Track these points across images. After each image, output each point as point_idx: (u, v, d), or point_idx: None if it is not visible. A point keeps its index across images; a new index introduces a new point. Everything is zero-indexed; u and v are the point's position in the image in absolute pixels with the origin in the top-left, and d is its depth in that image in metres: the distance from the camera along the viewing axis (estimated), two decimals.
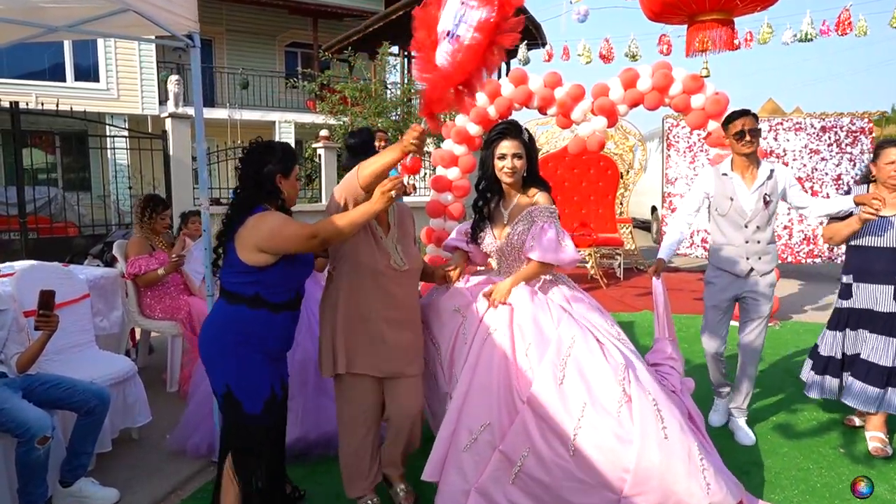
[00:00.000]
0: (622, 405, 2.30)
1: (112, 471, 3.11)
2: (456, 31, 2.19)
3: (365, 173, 2.27)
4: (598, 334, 2.51)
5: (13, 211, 8.34)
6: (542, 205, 2.68)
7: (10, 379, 2.68)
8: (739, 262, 3.33)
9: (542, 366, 2.38)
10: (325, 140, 10.85)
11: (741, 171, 3.33)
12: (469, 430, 2.38)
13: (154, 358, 4.88)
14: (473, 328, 2.56)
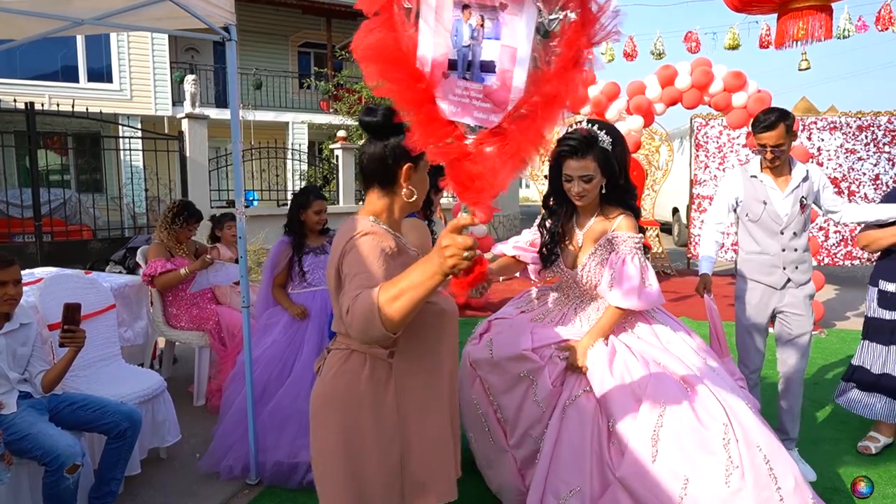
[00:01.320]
0: (731, 473, 1.95)
1: (141, 495, 2.90)
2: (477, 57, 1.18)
3: (396, 306, 1.24)
4: (690, 377, 2.12)
5: (28, 213, 8.18)
6: (625, 232, 2.26)
7: (36, 400, 2.48)
8: (775, 273, 2.99)
9: (632, 441, 2.06)
10: (342, 141, 10.66)
11: (772, 173, 2.99)
12: (556, 494, 2.10)
13: (178, 369, 4.67)
14: (549, 395, 2.24)
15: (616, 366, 2.20)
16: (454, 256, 1.14)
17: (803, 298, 3.00)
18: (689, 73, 5.81)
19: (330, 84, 12.41)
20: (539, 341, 2.33)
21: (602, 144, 2.21)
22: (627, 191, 2.31)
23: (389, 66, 1.21)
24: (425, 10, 1.18)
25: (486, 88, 1.18)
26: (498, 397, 2.39)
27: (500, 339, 2.43)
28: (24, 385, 2.49)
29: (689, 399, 2.08)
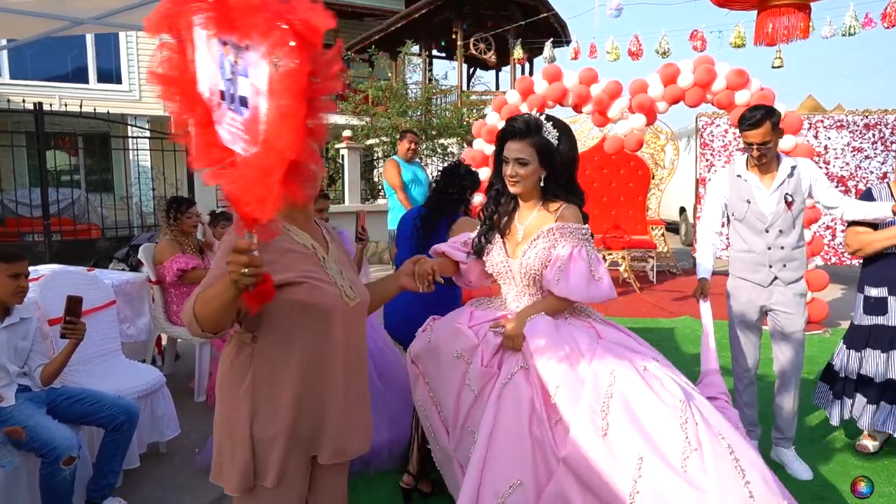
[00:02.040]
0: (688, 455, 1.74)
1: (140, 489, 2.94)
2: (236, 91, 1.19)
3: (204, 312, 1.41)
4: (645, 363, 1.95)
5: (37, 213, 8.28)
6: (570, 223, 2.11)
7: (35, 393, 2.52)
8: (761, 271, 2.97)
9: (577, 413, 1.83)
10: (347, 141, 10.70)
11: (759, 171, 2.96)
12: (494, 490, 1.85)
13: (180, 365, 4.72)
14: (483, 375, 2.04)
15: (562, 333, 2.01)
16: (234, 273, 1.26)
17: (793, 297, 2.97)
18: (692, 71, 5.78)
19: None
20: (476, 319, 2.19)
21: (545, 135, 2.10)
22: (572, 192, 2.18)
23: (173, 87, 1.25)
24: (198, 40, 1.21)
25: (245, 121, 1.19)
26: (437, 391, 2.20)
27: (439, 323, 2.29)
28: (24, 378, 2.53)
29: (641, 373, 1.90)
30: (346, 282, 1.70)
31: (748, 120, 2.80)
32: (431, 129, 11.58)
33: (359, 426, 1.74)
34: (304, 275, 1.59)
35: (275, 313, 1.57)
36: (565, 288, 2.06)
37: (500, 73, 17.39)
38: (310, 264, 1.64)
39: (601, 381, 1.86)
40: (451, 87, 14.31)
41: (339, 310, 1.64)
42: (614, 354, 1.95)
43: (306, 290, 1.58)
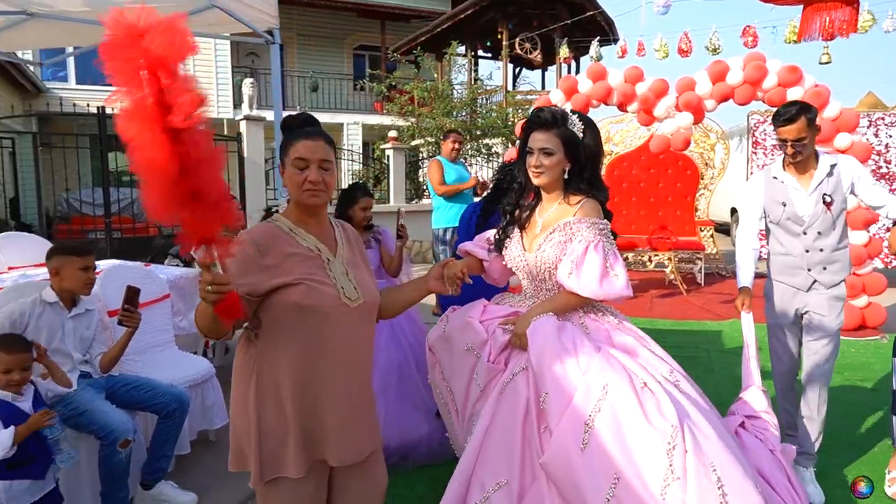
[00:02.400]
0: (669, 483, 1.66)
1: (190, 474, 3.08)
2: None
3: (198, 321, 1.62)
4: (645, 378, 1.84)
5: (100, 211, 8.70)
6: (589, 217, 2.06)
7: (95, 380, 2.68)
8: (799, 275, 2.84)
9: (561, 423, 1.79)
10: (393, 141, 10.84)
11: (796, 171, 2.82)
12: (481, 485, 1.87)
13: (229, 357, 4.90)
14: (489, 371, 2.04)
15: (562, 338, 1.94)
16: (200, 290, 1.38)
17: (828, 300, 2.83)
18: (742, 68, 5.64)
19: (383, 85, 12.64)
20: (489, 314, 2.18)
21: (571, 127, 2.08)
22: (594, 185, 2.14)
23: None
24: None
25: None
26: (450, 380, 2.22)
27: (454, 314, 2.28)
28: (85, 366, 2.69)
29: (637, 391, 1.81)
30: (350, 283, 1.74)
31: (782, 115, 2.70)
32: (476, 129, 11.61)
33: (362, 427, 1.77)
34: (301, 277, 1.65)
35: (273, 314, 1.65)
36: (576, 283, 2.01)
37: (545, 72, 17.29)
38: (311, 267, 1.70)
39: (592, 393, 1.80)
40: (496, 87, 14.31)
41: (336, 311, 1.68)
42: (613, 367, 1.85)
43: (302, 291, 1.64)
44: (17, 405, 2.22)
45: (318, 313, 1.65)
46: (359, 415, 1.77)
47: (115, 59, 1.22)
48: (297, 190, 1.71)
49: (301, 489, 1.70)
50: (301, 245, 1.73)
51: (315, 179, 1.67)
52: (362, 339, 1.78)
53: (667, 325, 5.99)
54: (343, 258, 1.79)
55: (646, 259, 8.60)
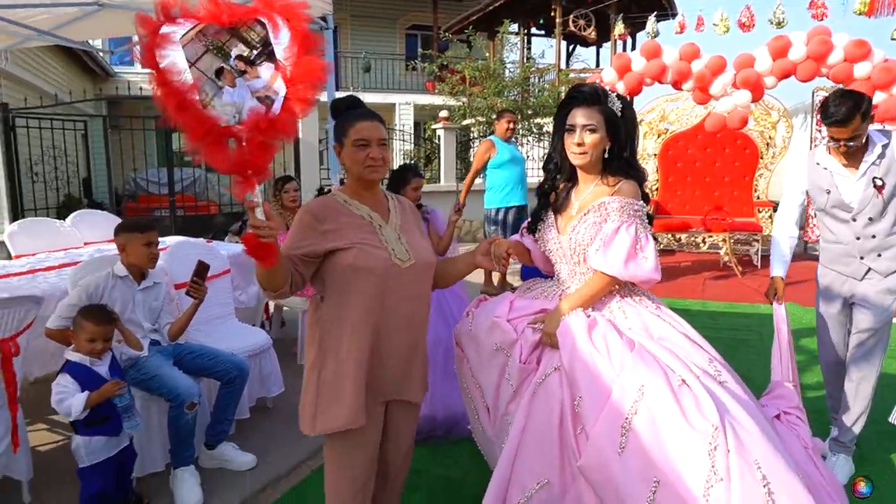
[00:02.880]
0: (712, 484, 1.59)
1: (250, 437, 3.28)
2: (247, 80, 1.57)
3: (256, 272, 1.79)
4: (683, 373, 1.77)
5: (164, 190, 9.14)
6: (624, 198, 2.00)
7: (163, 347, 2.88)
8: (852, 263, 2.72)
9: (597, 426, 1.75)
10: (444, 121, 10.88)
11: (843, 156, 2.64)
12: (522, 486, 1.84)
13: (285, 331, 5.13)
14: (521, 371, 2.00)
15: (593, 337, 1.89)
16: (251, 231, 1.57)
17: (879, 291, 2.69)
18: (805, 42, 5.43)
19: (434, 65, 12.66)
20: (516, 311, 2.11)
21: (611, 105, 2.03)
22: (632, 166, 2.09)
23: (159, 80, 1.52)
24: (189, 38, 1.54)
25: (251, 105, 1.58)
26: (478, 377, 2.16)
27: (480, 311, 2.22)
28: (154, 334, 2.90)
29: (675, 390, 1.73)
30: (401, 246, 1.91)
31: (833, 116, 2.50)
32: (528, 108, 11.52)
33: (414, 375, 1.99)
34: (354, 241, 1.84)
35: (332, 276, 1.86)
36: (602, 261, 1.97)
37: (600, 49, 16.91)
38: (363, 232, 1.88)
39: (627, 394, 1.74)
40: (548, 65, 14.12)
41: (388, 271, 1.85)
42: (648, 364, 1.78)
43: (354, 254, 1.82)
44: (95, 369, 2.43)
45: (370, 273, 1.83)
46: (413, 361, 1.98)
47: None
48: (359, 166, 1.88)
49: (362, 437, 1.89)
50: (354, 213, 1.92)
51: (376, 156, 1.87)
52: (416, 297, 1.94)
53: (719, 308, 5.90)
54: (395, 225, 1.96)
55: (699, 240, 8.42)
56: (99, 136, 10.91)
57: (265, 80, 1.56)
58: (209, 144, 1.52)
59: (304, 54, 1.55)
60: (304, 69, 1.55)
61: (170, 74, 1.49)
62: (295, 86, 1.54)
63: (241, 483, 2.85)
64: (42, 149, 8.48)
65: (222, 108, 1.52)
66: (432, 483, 2.83)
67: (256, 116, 1.54)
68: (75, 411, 2.32)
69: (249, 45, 1.54)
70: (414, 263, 1.90)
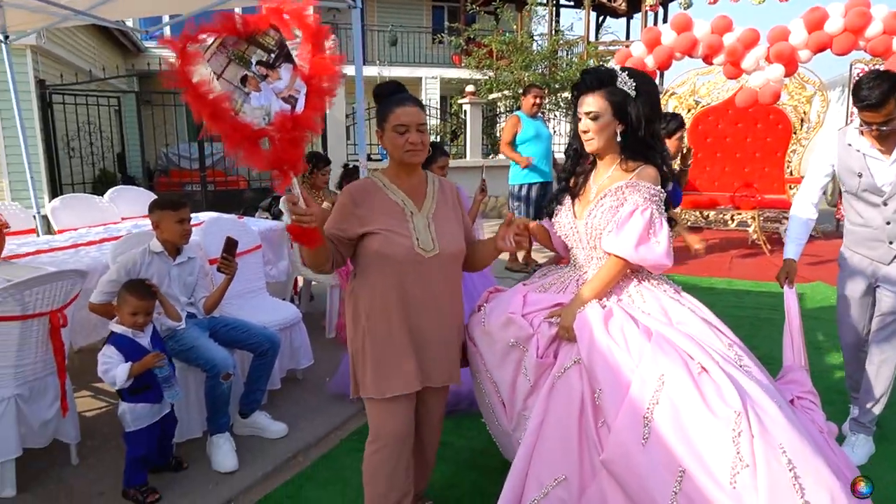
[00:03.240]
0: (738, 471, 1.59)
1: (281, 407, 3.41)
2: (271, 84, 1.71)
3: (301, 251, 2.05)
4: (703, 360, 1.75)
5: (195, 165, 9.31)
6: (642, 182, 1.98)
7: (199, 320, 3.01)
8: (880, 248, 2.66)
9: (619, 419, 1.74)
10: (470, 96, 10.83)
11: (877, 139, 2.55)
12: (539, 481, 1.84)
13: (313, 305, 5.26)
14: (538, 366, 2.00)
15: (610, 329, 1.89)
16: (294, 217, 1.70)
17: None
18: (842, 14, 5.28)
19: (461, 39, 12.55)
20: (531, 306, 2.10)
21: (621, 86, 1.99)
22: (651, 147, 2.04)
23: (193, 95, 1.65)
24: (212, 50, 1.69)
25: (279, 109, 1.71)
26: (493, 372, 2.14)
27: (492, 306, 2.20)
28: (191, 307, 3.02)
29: (695, 378, 1.72)
30: (428, 235, 1.98)
31: (865, 100, 2.42)
32: (555, 82, 11.39)
33: (445, 360, 2.09)
34: (382, 228, 1.94)
35: (362, 258, 1.99)
36: (614, 242, 1.98)
37: (630, 21, 16.54)
38: (393, 219, 1.97)
39: (648, 385, 1.74)
40: (577, 38, 13.88)
41: (410, 260, 1.94)
42: (667, 353, 1.77)
43: (380, 241, 1.93)
44: (138, 341, 2.56)
45: (393, 260, 1.93)
46: (439, 349, 2.06)
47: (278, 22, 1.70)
48: (399, 151, 1.95)
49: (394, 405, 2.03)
50: (390, 199, 2.00)
51: (415, 141, 1.94)
52: (440, 284, 2.01)
53: (745, 286, 5.86)
54: (429, 212, 2.03)
55: (728, 217, 8.32)
56: (132, 111, 11.11)
57: (286, 81, 1.67)
58: (246, 148, 1.63)
59: (317, 51, 1.65)
60: (320, 65, 1.65)
61: (201, 88, 1.60)
62: (313, 82, 1.65)
63: (273, 450, 2.98)
64: (78, 124, 8.69)
65: (252, 113, 1.63)
66: (456, 454, 2.93)
67: (283, 116, 1.64)
68: (119, 380, 2.46)
69: (267, 49, 1.66)
70: (438, 253, 1.97)
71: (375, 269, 1.96)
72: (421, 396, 2.12)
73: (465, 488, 2.65)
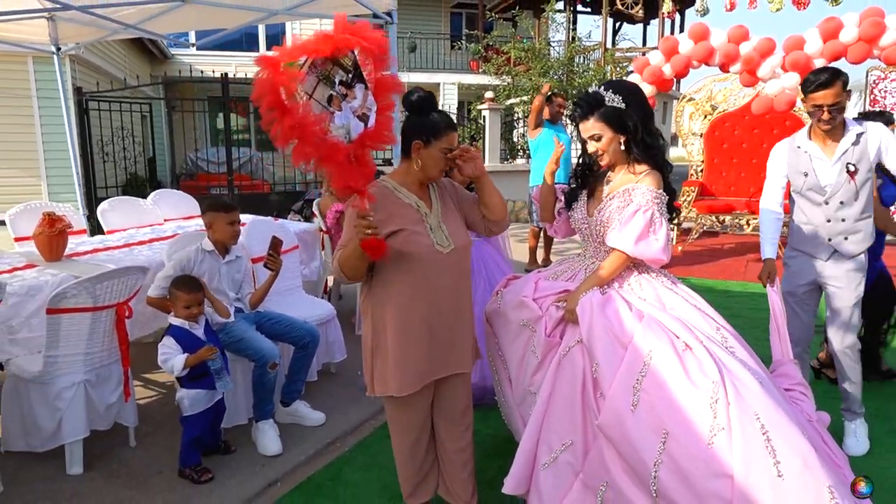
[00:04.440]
0: (715, 433, 1.83)
1: (318, 398, 3.62)
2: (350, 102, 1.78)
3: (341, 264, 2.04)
4: (687, 339, 2.00)
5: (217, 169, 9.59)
6: (646, 185, 2.19)
7: (245, 314, 3.23)
8: (820, 245, 2.82)
9: (612, 388, 1.99)
10: (489, 102, 11.02)
11: (821, 140, 2.76)
12: (549, 446, 2.09)
13: (343, 303, 5.48)
14: (545, 344, 2.22)
15: (607, 312, 2.13)
16: (359, 231, 1.84)
17: (847, 271, 2.83)
18: (857, 24, 5.41)
19: (480, 45, 12.76)
20: (541, 291, 2.35)
21: (611, 103, 2.19)
22: (652, 146, 2.24)
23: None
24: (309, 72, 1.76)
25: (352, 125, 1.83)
26: (505, 349, 2.40)
27: (508, 290, 2.47)
28: (238, 303, 3.24)
29: (679, 354, 1.97)
30: (442, 233, 2.12)
31: (815, 81, 2.63)
32: (573, 88, 11.56)
33: (462, 347, 2.20)
34: (401, 227, 2.05)
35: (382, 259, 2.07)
36: (616, 237, 2.20)
37: (647, 27, 16.66)
38: (411, 219, 2.08)
39: (637, 359, 1.98)
40: (595, 44, 14.04)
41: (430, 256, 2.07)
42: (655, 332, 2.02)
43: (401, 240, 2.04)
44: (194, 332, 2.79)
45: (414, 257, 2.05)
46: (460, 338, 2.19)
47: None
48: (437, 171, 2.10)
49: (410, 402, 2.16)
50: (403, 201, 2.12)
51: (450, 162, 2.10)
52: (457, 277, 2.16)
53: (760, 289, 5.94)
54: (437, 212, 2.15)
55: (743, 222, 8.43)
56: (160, 117, 11.45)
57: (360, 99, 1.77)
58: (343, 167, 1.75)
59: (380, 67, 1.77)
60: (384, 81, 1.78)
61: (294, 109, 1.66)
62: (379, 98, 1.77)
63: (312, 437, 3.20)
64: (112, 130, 9.02)
65: (337, 132, 1.74)
66: (483, 441, 3.11)
67: (362, 134, 1.77)
68: (177, 370, 2.69)
69: (346, 69, 1.74)
70: (454, 249, 2.12)
71: (395, 269, 2.04)
72: (438, 395, 2.24)
73: (492, 473, 2.83)
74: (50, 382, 2.72)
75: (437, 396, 2.26)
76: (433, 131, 2.05)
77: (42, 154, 7.91)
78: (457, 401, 2.30)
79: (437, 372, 2.16)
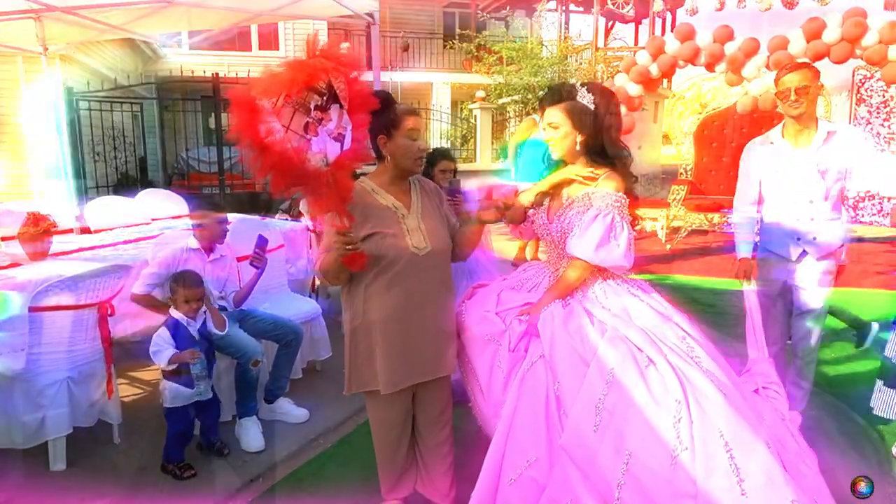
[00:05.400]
0: (678, 454, 1.80)
1: (302, 395, 3.65)
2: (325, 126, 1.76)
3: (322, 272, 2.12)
4: (651, 353, 1.96)
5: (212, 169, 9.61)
6: (606, 189, 2.13)
7: (229, 312, 3.26)
8: (789, 245, 2.82)
9: (574, 407, 1.96)
10: (480, 101, 11.06)
11: (793, 137, 2.76)
12: (514, 461, 2.06)
13: (330, 302, 5.49)
14: (510, 359, 2.17)
15: (569, 327, 2.08)
16: (336, 244, 1.88)
17: (814, 273, 2.83)
18: (840, 24, 5.47)
19: (472, 45, 12.79)
20: (504, 304, 2.29)
21: (581, 99, 2.15)
22: (610, 156, 2.20)
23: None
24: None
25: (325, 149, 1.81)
26: (474, 363, 2.31)
27: (471, 303, 2.38)
28: (222, 301, 3.27)
29: (642, 370, 1.94)
30: (420, 234, 2.10)
31: (787, 66, 2.73)
32: None
33: (440, 352, 2.20)
34: (376, 230, 2.05)
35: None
36: (575, 245, 2.13)
37: (640, 26, 16.72)
38: (386, 221, 2.09)
39: (600, 378, 1.94)
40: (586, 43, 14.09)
41: (405, 258, 2.06)
42: (618, 349, 1.98)
43: (376, 241, 2.05)
44: (188, 328, 2.83)
45: (389, 260, 2.06)
46: (438, 342, 2.20)
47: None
48: (409, 159, 2.09)
49: (389, 400, 2.19)
50: (380, 203, 2.13)
51: (423, 148, 2.11)
52: (434, 280, 2.16)
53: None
54: (418, 211, 2.14)
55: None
56: (151, 116, 11.44)
57: (335, 120, 1.74)
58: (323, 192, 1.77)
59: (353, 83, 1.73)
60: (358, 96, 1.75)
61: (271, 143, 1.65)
62: (353, 115, 1.75)
63: (296, 433, 3.23)
64: (103, 129, 9.02)
65: (314, 159, 1.73)
66: (463, 437, 3.14)
67: (340, 156, 1.76)
68: (161, 363, 2.72)
69: (320, 93, 1.71)
70: (431, 251, 2.11)
71: (371, 271, 2.04)
72: (418, 394, 2.26)
73: (471, 468, 2.87)
74: (33, 380, 2.75)
75: (418, 396, 2.29)
76: (392, 122, 2.05)
77: (32, 154, 7.91)
78: (436, 400, 2.32)
79: (415, 377, 2.16)
